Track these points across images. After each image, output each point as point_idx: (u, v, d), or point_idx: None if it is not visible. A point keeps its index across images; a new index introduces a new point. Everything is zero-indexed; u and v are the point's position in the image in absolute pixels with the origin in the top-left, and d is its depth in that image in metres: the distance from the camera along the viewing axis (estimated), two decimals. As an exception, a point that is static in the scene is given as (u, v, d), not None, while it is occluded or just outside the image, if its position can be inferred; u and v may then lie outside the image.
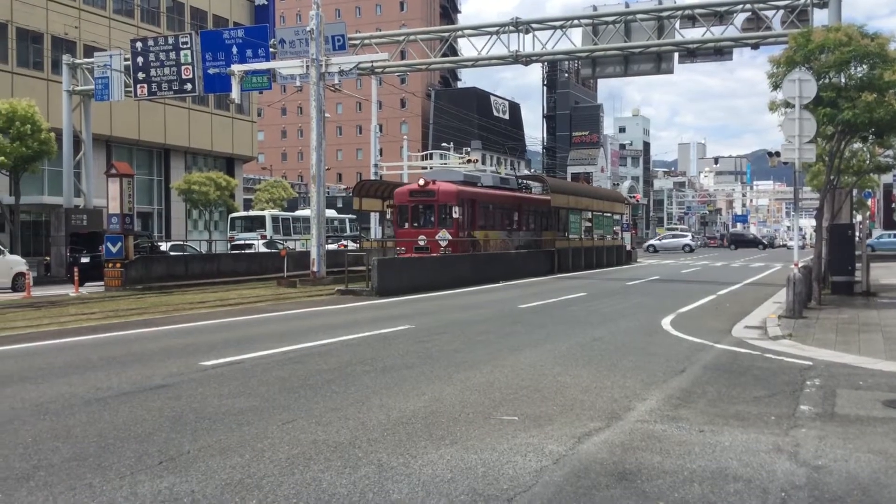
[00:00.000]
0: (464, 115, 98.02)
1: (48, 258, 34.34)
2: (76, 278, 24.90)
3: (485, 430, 6.44)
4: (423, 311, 17.03)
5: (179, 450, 5.79)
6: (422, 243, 28.23)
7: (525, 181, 39.30)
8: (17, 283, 24.90)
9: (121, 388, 8.14)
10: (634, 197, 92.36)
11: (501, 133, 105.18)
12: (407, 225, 29.68)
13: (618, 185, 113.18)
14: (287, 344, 11.44)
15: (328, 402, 7.43)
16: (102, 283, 25.71)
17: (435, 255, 27.23)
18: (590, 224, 41.53)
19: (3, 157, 30.30)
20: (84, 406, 7.29)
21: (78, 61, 34.90)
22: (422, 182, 29.69)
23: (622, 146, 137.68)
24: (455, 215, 28.58)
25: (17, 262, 25.81)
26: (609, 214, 44.96)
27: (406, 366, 9.56)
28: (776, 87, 16.68)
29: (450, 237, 28.02)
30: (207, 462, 5.48)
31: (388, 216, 34.60)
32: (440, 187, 29.16)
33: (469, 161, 73.34)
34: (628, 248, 47.09)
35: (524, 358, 10.21)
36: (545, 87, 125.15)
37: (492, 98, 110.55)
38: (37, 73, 38.79)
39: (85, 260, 29.00)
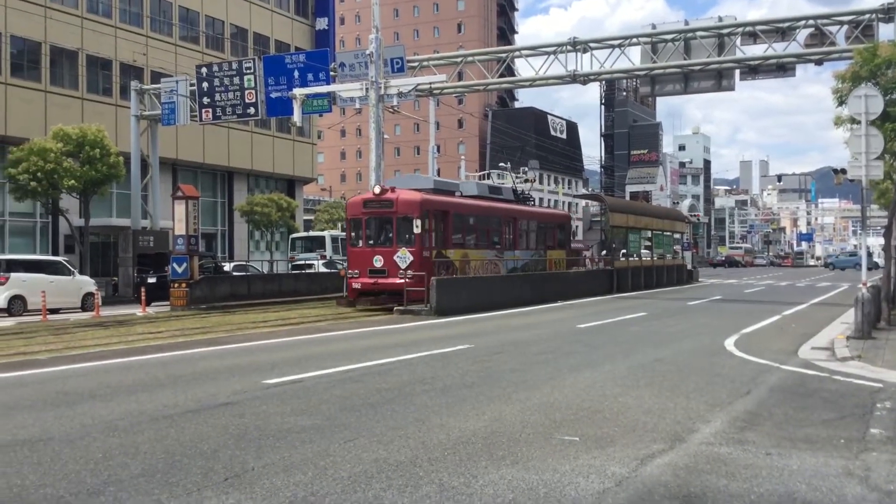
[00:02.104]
0: (521, 135, 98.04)
1: (116, 278, 35.27)
2: (143, 298, 25.50)
3: (546, 450, 6.40)
4: (482, 330, 17.02)
5: (244, 466, 5.89)
6: (377, 264, 23.61)
7: (524, 192, 35.51)
8: (87, 302, 25.62)
9: (187, 406, 8.30)
10: (695, 215, 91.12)
11: (559, 152, 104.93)
12: (361, 242, 24.46)
13: (678, 203, 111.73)
14: (347, 363, 11.53)
15: (389, 421, 7.47)
16: (168, 302, 26.29)
17: (493, 275, 26.93)
18: (649, 243, 41.06)
19: (73, 181, 31.28)
20: (151, 423, 7.46)
21: (145, 87, 35.93)
22: (377, 189, 24.19)
23: (682, 164, 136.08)
24: (416, 230, 23.41)
25: (87, 283, 26.56)
26: (669, 233, 44.40)
27: (465, 385, 9.56)
28: (841, 102, 16.37)
29: (411, 257, 23.08)
30: (272, 479, 5.56)
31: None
32: (400, 196, 23.99)
33: (527, 181, 73.24)
34: (689, 267, 46.42)
35: (584, 378, 10.13)
36: (603, 106, 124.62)
37: (549, 117, 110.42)
38: (106, 98, 40.04)
39: (151, 280, 29.70)
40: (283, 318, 21.54)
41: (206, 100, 31.82)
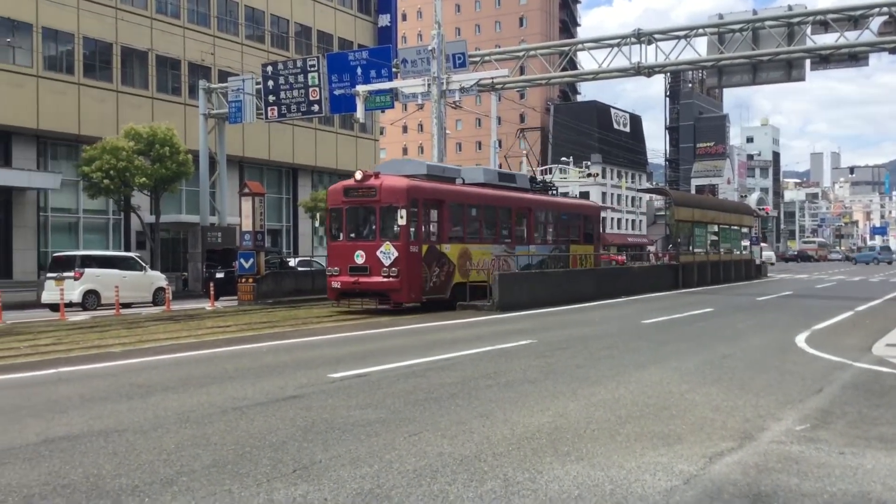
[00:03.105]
0: (583, 129, 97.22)
1: (186, 273, 36.15)
2: (212, 293, 26.06)
3: (611, 447, 6.35)
4: (545, 325, 16.95)
5: (312, 458, 5.98)
6: (359, 261, 20.96)
7: (545, 181, 31.75)
8: (158, 297, 26.31)
9: (255, 399, 8.46)
10: (764, 209, 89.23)
11: (622, 146, 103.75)
12: (342, 236, 21.78)
13: (745, 197, 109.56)
14: (410, 357, 11.61)
15: (453, 416, 7.49)
16: (236, 297, 26.81)
17: (557, 269, 26.72)
18: (716, 238, 40.34)
19: (144, 178, 32.12)
20: (221, 415, 7.62)
21: (213, 86, 36.68)
22: (359, 175, 21.47)
23: (750, 157, 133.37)
24: (401, 221, 20.54)
25: (158, 278, 27.27)
26: (736, 227, 43.53)
27: (529, 380, 9.54)
28: (919, 91, 15.81)
29: (396, 253, 20.51)
30: (339, 471, 5.63)
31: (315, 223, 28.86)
32: (384, 183, 21.08)
33: (589, 175, 72.76)
34: (758, 262, 45.49)
35: (650, 375, 10.01)
36: (668, 98, 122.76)
37: (612, 111, 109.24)
38: (175, 97, 40.98)
39: (219, 275, 30.35)
40: (347, 312, 21.76)
41: (271, 98, 32.33)
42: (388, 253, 20.49)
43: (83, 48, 36.91)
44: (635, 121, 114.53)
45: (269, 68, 32.80)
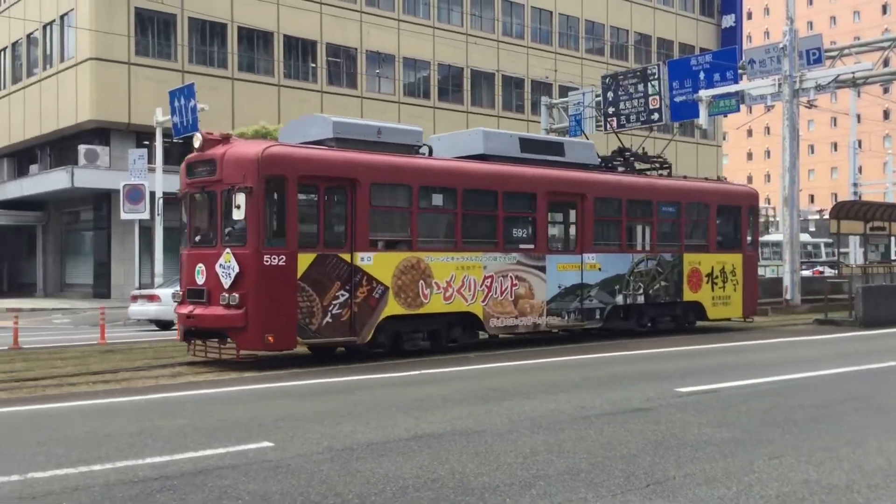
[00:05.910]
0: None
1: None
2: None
3: None
4: (921, 346, 15.12)
5: (665, 474, 5.88)
6: (199, 280, 12.78)
7: (637, 154, 20.50)
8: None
9: (602, 409, 8.53)
10: None
11: None
12: (187, 238, 13.53)
13: None
14: (764, 375, 10.97)
15: (816, 441, 6.96)
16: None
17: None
18: None
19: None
20: (571, 423, 7.78)
21: (554, 101, 37.76)
22: (197, 141, 13.12)
23: None
24: (237, 215, 12.22)
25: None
26: None
27: (905, 407, 8.58)
28: None
29: (237, 267, 12.16)
30: (694, 490, 5.48)
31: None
32: (229, 151, 12.68)
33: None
34: None
35: None
36: None
37: None
38: (518, 115, 42.84)
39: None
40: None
41: (610, 109, 32.46)
42: (228, 267, 12.41)
43: (437, 74, 39.94)
44: None
45: (609, 79, 32.97)
